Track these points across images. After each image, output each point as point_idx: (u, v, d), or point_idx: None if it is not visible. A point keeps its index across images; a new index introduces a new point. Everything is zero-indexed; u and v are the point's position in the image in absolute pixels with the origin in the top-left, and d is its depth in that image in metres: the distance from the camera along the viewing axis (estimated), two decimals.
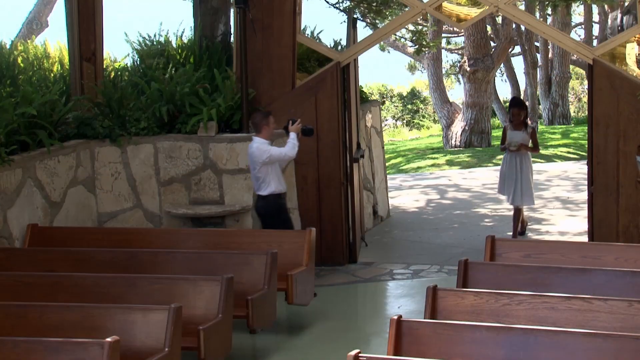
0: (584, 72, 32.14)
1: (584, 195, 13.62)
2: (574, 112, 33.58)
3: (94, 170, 11.26)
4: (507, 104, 29.79)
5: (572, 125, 28.66)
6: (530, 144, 12.33)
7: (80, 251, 9.41)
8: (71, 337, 7.04)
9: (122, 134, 11.26)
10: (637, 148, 10.78)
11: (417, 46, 20.20)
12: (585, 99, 33.62)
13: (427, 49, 20.90)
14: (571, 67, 29.93)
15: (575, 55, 24.79)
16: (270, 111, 10.59)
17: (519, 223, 12.63)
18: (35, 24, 21.38)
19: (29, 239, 9.95)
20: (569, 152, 21.81)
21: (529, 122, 12.41)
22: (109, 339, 6.74)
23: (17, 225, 9.97)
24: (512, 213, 12.89)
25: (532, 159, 12.90)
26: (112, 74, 12.53)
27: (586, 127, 12.28)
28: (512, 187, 12.23)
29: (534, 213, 14.77)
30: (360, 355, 6.23)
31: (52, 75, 12.78)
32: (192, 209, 11.11)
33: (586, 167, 11.57)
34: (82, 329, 7.41)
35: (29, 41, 14.54)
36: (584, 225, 12.37)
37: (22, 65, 12.70)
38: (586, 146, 12.13)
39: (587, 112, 11.73)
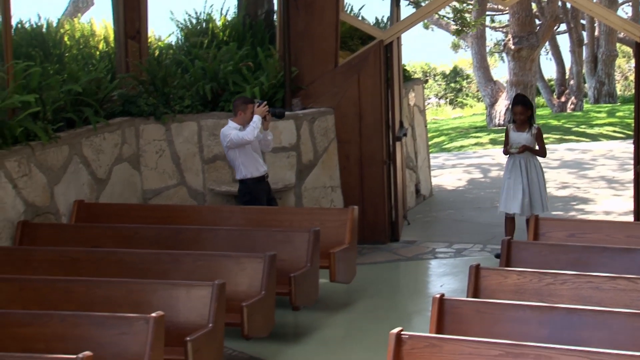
0: (630, 50, 31.79)
1: (629, 175, 13.50)
2: (620, 90, 33.27)
3: (138, 147, 11.34)
4: (551, 83, 29.75)
5: (618, 104, 28.39)
6: (535, 147, 10.70)
7: (125, 227, 9.50)
8: (116, 312, 7.12)
9: (166, 111, 11.31)
10: None
11: (459, 26, 20.05)
12: (632, 78, 33.28)
13: (468, 28, 20.76)
14: (618, 45, 29.62)
15: (622, 33, 24.60)
16: (254, 99, 10.39)
17: (508, 230, 10.83)
18: (81, 2, 21.55)
19: (75, 215, 10.05)
20: (614, 131, 21.62)
21: (536, 125, 10.81)
22: (153, 314, 6.81)
23: (64, 202, 10.08)
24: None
25: (567, 147, 12.37)
26: (157, 52, 12.59)
27: (632, 106, 12.17)
28: (519, 196, 10.52)
29: (578, 192, 14.70)
30: (402, 333, 6.25)
31: (97, 53, 12.86)
32: (235, 186, 11.15)
33: (632, 146, 11.47)
34: (126, 304, 7.48)
35: (75, 19, 14.63)
36: (629, 205, 12.28)
37: (68, 43, 12.79)
38: (632, 125, 12.00)
39: (633, 91, 11.58)
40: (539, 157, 10.72)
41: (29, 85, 9.90)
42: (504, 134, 11.07)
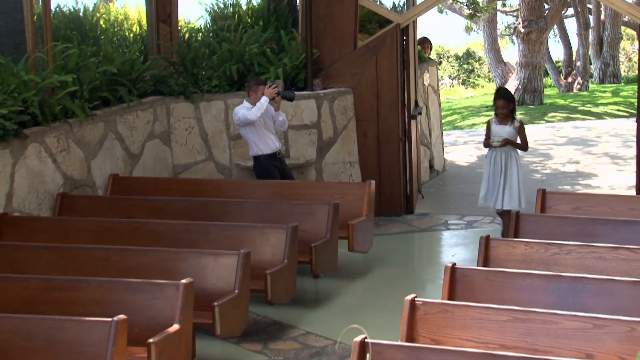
0: (634, 33, 31.55)
1: (632, 151, 13.44)
2: (624, 71, 33.01)
3: (169, 124, 11.37)
4: (559, 64, 29.59)
5: (622, 84, 28.20)
6: (517, 140, 9.92)
7: (157, 200, 9.54)
8: (149, 278, 7.17)
9: (195, 91, 11.34)
10: None
11: (471, 11, 19.93)
12: (635, 59, 33.10)
13: (480, 12, 20.65)
14: (622, 28, 29.38)
15: (627, 17, 24.41)
16: (266, 81, 10.40)
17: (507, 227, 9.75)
18: None
19: (110, 188, 10.10)
20: (618, 110, 21.49)
21: (518, 118, 10.03)
22: (183, 281, 6.86)
23: (100, 175, 10.13)
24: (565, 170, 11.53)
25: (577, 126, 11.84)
26: (187, 35, 12.59)
27: (636, 86, 12.09)
28: (496, 190, 9.87)
29: (583, 168, 14.65)
30: (416, 299, 6.27)
31: (131, 36, 12.88)
32: None
33: (635, 124, 11.43)
34: (158, 271, 7.54)
35: (110, 4, 14.63)
36: (632, 180, 12.23)
37: (103, 26, 12.81)
38: (636, 104, 11.94)
39: (637, 72, 11.52)
40: (520, 151, 10.09)
41: (67, 66, 9.93)
42: (515, 111, 10.93)
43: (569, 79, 28.26)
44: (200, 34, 12.86)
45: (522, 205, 9.76)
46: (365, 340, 5.58)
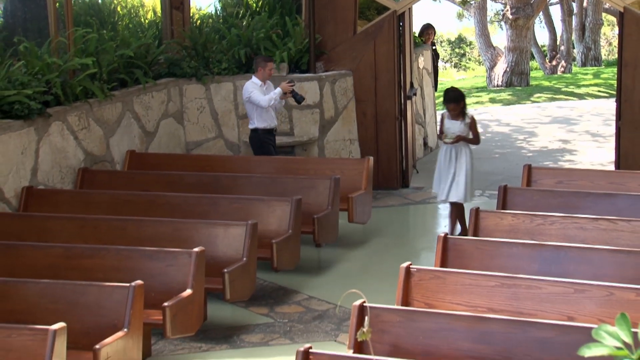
0: (614, 19, 31.39)
1: (611, 130, 13.41)
2: (605, 55, 32.89)
3: (182, 104, 11.36)
4: (544, 48, 29.49)
5: (603, 67, 28.09)
6: (469, 135, 9.38)
7: (171, 174, 9.55)
8: (163, 247, 7.19)
9: (206, 73, 11.32)
10: None
11: None
12: (615, 43, 32.90)
13: (472, 0, 20.55)
14: (603, 14, 29.23)
15: (608, 4, 24.30)
16: (271, 58, 10.52)
17: (458, 221, 9.58)
18: None
19: (127, 163, 10.11)
20: (599, 91, 21.44)
21: (468, 112, 9.45)
22: (195, 249, 6.88)
23: (118, 151, 10.14)
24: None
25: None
26: (198, 21, 12.54)
27: (616, 69, 12.05)
28: (445, 182, 9.37)
29: (566, 145, 14.63)
30: (411, 266, 6.29)
31: (146, 22, 12.84)
32: None
33: (615, 104, 11.41)
34: (172, 240, 7.56)
35: None
36: (611, 156, 12.22)
37: (121, 13, 12.77)
38: (615, 85, 11.91)
39: (617, 55, 11.47)
40: (472, 146, 9.51)
41: (87, 50, 9.93)
42: (501, 92, 10.93)
43: (554, 62, 28.17)
44: (211, 20, 12.80)
45: (467, 199, 9.34)
46: (364, 304, 5.60)
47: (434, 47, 15.10)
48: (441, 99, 15.70)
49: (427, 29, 14.64)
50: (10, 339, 5.63)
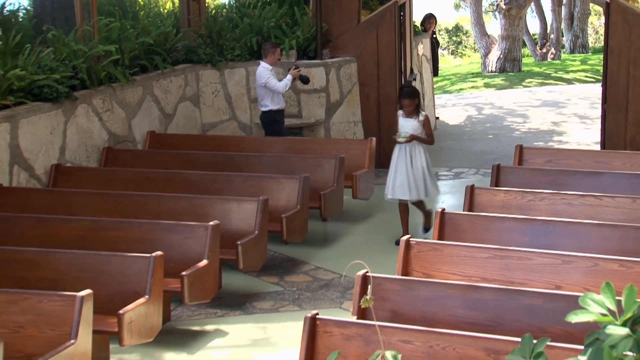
0: (601, 9, 31.21)
1: (598, 112, 13.40)
2: (592, 43, 32.71)
3: (198, 88, 11.36)
4: (535, 37, 29.35)
5: (590, 54, 27.97)
6: (423, 134, 8.56)
7: (188, 153, 9.56)
8: (181, 220, 7.21)
9: (221, 59, 11.31)
10: None
11: None
12: (601, 32, 32.73)
13: None
14: (591, 4, 29.06)
15: None
16: (279, 44, 10.50)
17: (427, 217, 8.87)
18: None
19: (148, 143, 10.12)
20: (586, 76, 21.35)
21: (422, 111, 8.73)
22: (211, 223, 6.90)
23: (139, 132, 10.15)
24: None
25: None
26: (213, 10, 12.52)
27: (602, 55, 12.00)
28: (405, 183, 8.51)
29: (555, 126, 14.60)
30: (410, 239, 6.30)
31: (165, 11, 12.82)
32: None
33: (601, 88, 11.38)
34: (189, 214, 7.58)
35: None
36: (597, 137, 12.20)
37: (141, 3, 12.74)
38: (601, 71, 11.85)
39: (603, 43, 11.41)
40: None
41: (110, 38, 9.91)
42: (494, 77, 10.85)
43: (544, 50, 28.03)
44: (225, 10, 12.78)
45: (428, 196, 8.68)
46: (367, 274, 5.62)
47: (434, 36, 15.04)
48: (440, 83, 15.62)
49: (429, 19, 14.60)
50: (41, 304, 5.66)
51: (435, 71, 14.93)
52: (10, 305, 5.72)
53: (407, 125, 8.48)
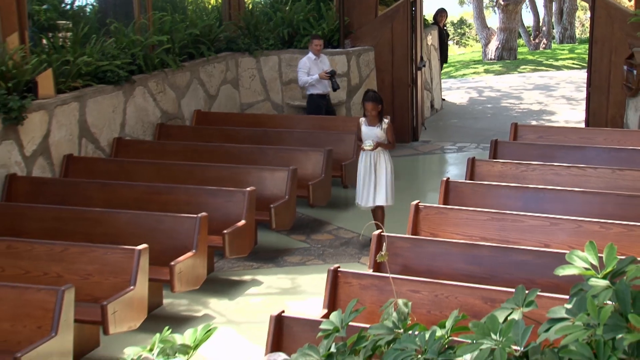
0: (587, 5, 30.72)
1: (583, 94, 13.24)
2: (579, 34, 32.23)
3: (237, 73, 11.34)
4: (529, 29, 28.97)
5: (577, 44, 27.58)
6: (386, 141, 7.56)
7: (228, 129, 9.58)
8: (223, 186, 7.25)
9: (257, 48, 11.27)
10: (624, 60, 10.46)
11: None
12: (587, 25, 32.25)
13: None
14: (578, 1, 28.64)
15: None
16: (317, 36, 10.35)
17: (383, 222, 7.52)
18: None
19: (195, 120, 10.15)
20: (573, 63, 21.07)
21: (386, 118, 7.67)
22: (248, 189, 6.93)
23: (187, 110, 10.17)
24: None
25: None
26: (250, 6, 12.46)
27: (587, 45, 11.82)
28: (368, 189, 7.53)
29: (546, 107, 14.45)
30: (419, 204, 6.30)
31: (209, 6, 12.77)
32: (304, 101, 11.13)
33: (586, 74, 11.24)
34: (230, 181, 7.61)
35: None
36: (582, 116, 12.08)
37: None
38: (587, 59, 11.69)
39: (588, 34, 11.26)
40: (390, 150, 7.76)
41: (163, 29, 9.91)
42: (493, 64, 10.73)
43: (537, 40, 27.71)
44: (260, 5, 12.72)
45: (389, 202, 7.60)
46: (382, 233, 5.63)
47: (445, 28, 14.90)
48: (446, 69, 15.46)
49: (441, 13, 14.50)
50: (106, 256, 5.74)
51: (445, 58, 14.80)
52: (80, 256, 5.80)
53: (371, 133, 7.43)
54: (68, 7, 10.38)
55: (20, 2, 7.71)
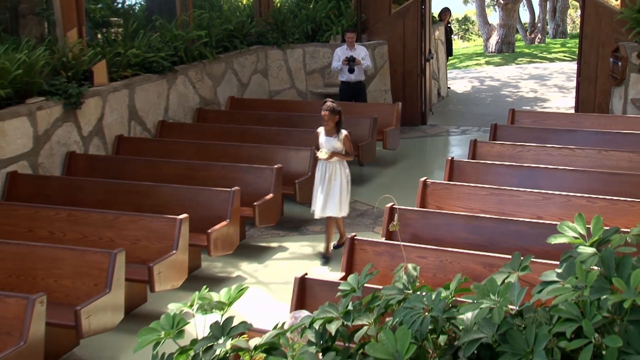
0: (577, 4, 30.23)
1: (573, 84, 13.06)
2: (570, 30, 31.73)
3: (267, 64, 11.30)
4: (526, 25, 28.56)
5: (568, 38, 27.18)
6: (343, 151, 6.55)
7: (259, 113, 9.57)
8: (253, 164, 7.25)
9: (284, 42, 11.22)
10: (611, 53, 10.30)
11: None
12: (578, 21, 31.76)
13: None
14: (569, 0, 28.19)
15: None
16: (350, 29, 10.19)
17: (331, 236, 6.70)
18: None
19: (229, 105, 10.14)
20: (565, 56, 20.77)
21: (344, 130, 6.61)
22: (275, 166, 6.93)
23: (222, 97, 10.17)
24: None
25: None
26: (278, 4, 12.39)
27: (578, 40, 11.65)
28: (321, 198, 6.54)
29: (540, 95, 14.29)
30: (427, 180, 6.27)
31: (242, 4, 12.72)
32: (325, 89, 11.10)
33: (576, 65, 11.09)
34: (260, 159, 7.61)
35: None
36: (572, 103, 11.93)
37: None
38: (577, 52, 11.52)
39: (579, 30, 11.08)
40: (347, 161, 6.68)
41: (201, 25, 9.90)
42: (493, 57, 10.61)
43: (532, 35, 27.34)
44: (287, 4, 12.64)
45: (342, 213, 6.63)
46: (394, 206, 5.61)
47: (449, 25, 14.75)
48: (451, 61, 15.27)
49: (445, 11, 14.36)
50: (152, 224, 5.78)
51: (449, 52, 14.65)
52: (129, 224, 5.85)
53: (328, 144, 6.52)
54: (119, 5, 10.40)
55: (79, 1, 7.74)
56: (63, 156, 7.40)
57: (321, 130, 6.66)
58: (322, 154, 6.45)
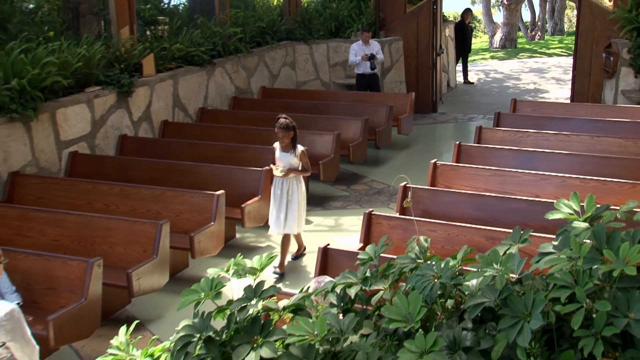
0: (574, 4, 29.58)
1: (569, 77, 12.82)
2: (567, 28, 31.15)
3: (294, 57, 11.25)
4: (527, 23, 28.03)
5: (565, 36, 26.68)
6: (299, 167, 5.76)
7: (287, 101, 9.54)
8: None
9: (310, 38, 11.15)
10: (603, 49, 10.10)
11: None
12: (574, 20, 31.12)
13: None
14: (567, 1, 27.61)
15: None
16: (366, 27, 9.89)
17: (286, 252, 5.83)
18: None
19: (261, 94, 10.12)
20: (562, 51, 20.40)
21: (300, 145, 5.84)
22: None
23: (255, 87, 10.15)
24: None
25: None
26: (305, 4, 12.31)
27: (574, 37, 11.42)
28: (278, 215, 5.72)
29: (539, 86, 14.06)
30: (437, 162, 6.23)
31: (273, 4, 12.66)
32: (346, 80, 11.03)
33: (572, 60, 10.89)
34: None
35: None
36: (568, 94, 11.72)
37: None
38: (573, 48, 11.29)
39: (575, 28, 10.85)
40: (304, 177, 5.92)
41: (237, 22, 9.87)
42: (498, 52, 10.45)
43: (533, 33, 26.90)
44: (313, 4, 12.55)
45: (297, 231, 5.81)
46: (407, 184, 5.59)
47: (469, 24, 14.57)
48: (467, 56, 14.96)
49: (467, 12, 14.27)
50: (193, 199, 5.82)
51: (469, 48, 14.41)
52: (173, 199, 5.90)
53: (284, 160, 5.73)
54: (166, 5, 10.41)
55: (131, 2, 7.78)
56: (116, 138, 7.47)
57: (277, 145, 5.81)
58: (277, 171, 5.60)
